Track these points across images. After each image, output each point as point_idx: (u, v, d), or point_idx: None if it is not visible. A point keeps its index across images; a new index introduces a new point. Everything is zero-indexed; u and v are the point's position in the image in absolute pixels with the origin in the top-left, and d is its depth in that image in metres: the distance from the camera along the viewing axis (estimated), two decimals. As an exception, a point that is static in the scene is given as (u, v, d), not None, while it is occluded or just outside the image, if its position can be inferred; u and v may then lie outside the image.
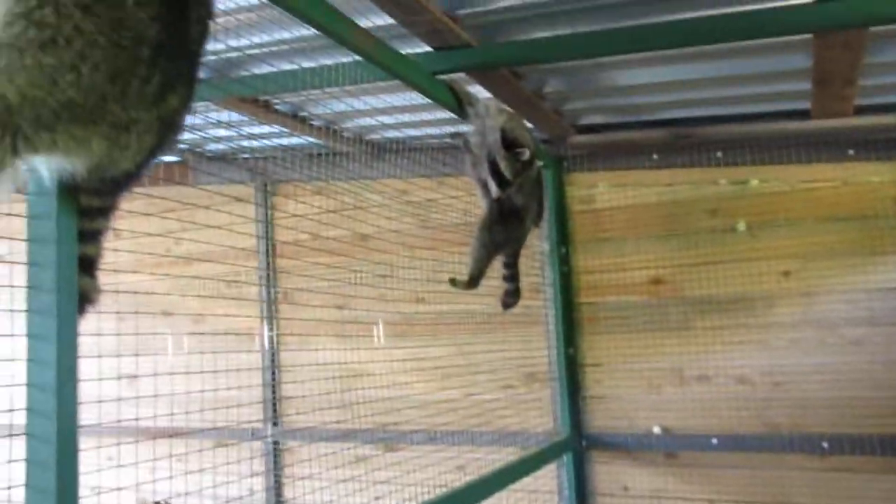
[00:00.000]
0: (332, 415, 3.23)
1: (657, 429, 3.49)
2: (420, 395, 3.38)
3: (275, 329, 4.23)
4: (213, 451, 2.32)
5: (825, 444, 3.18)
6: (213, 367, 2.50)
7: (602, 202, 3.67)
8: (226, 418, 3.15)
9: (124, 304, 2.09)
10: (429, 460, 3.25)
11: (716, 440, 3.36)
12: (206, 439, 2.94)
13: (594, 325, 3.65)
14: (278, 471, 4.12)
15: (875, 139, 3.18)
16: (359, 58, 2.22)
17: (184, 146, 3.58)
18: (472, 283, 2.78)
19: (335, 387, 3.13)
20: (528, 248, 3.15)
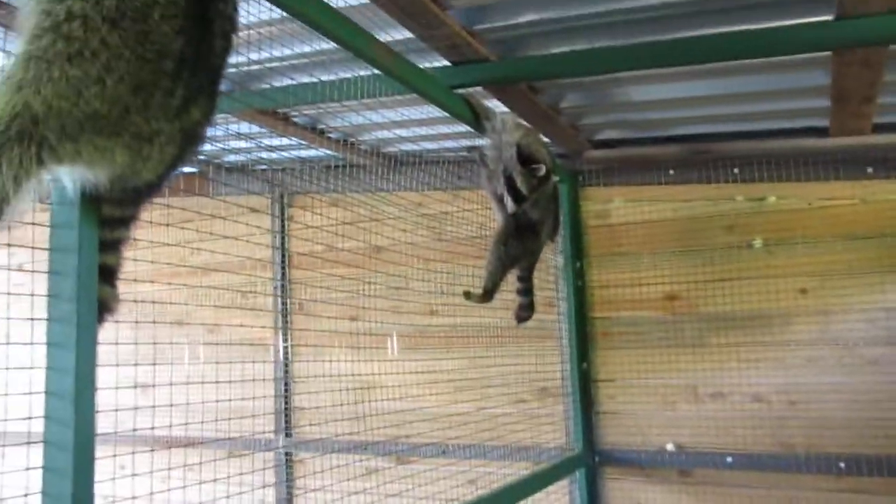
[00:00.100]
0: (344, 426, 3.23)
1: (671, 446, 3.46)
2: (432, 407, 3.37)
3: (289, 340, 4.24)
4: (228, 462, 2.33)
5: (842, 465, 3.14)
6: (227, 377, 2.51)
7: (617, 217, 3.66)
8: (239, 429, 3.16)
9: (141, 314, 2.10)
10: (440, 474, 3.24)
11: (730, 458, 3.32)
12: (220, 449, 2.95)
13: (608, 341, 3.64)
14: (290, 482, 4.11)
15: (894, 157, 3.16)
16: (377, 71, 2.23)
17: (203, 157, 3.61)
18: (487, 296, 2.78)
19: (348, 398, 3.13)
20: (542, 262, 3.15)
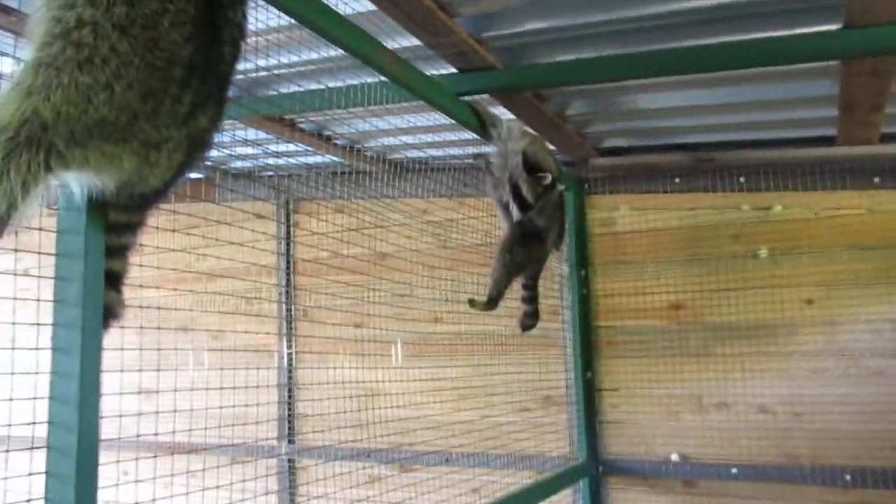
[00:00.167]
0: (347, 433, 3.22)
1: (675, 456, 3.44)
2: (436, 415, 3.36)
3: (293, 346, 4.23)
4: (231, 468, 2.32)
5: (847, 477, 3.12)
6: (231, 384, 2.51)
7: (623, 225, 3.66)
8: (242, 435, 3.15)
9: (146, 319, 2.10)
10: (444, 482, 3.23)
11: (735, 469, 3.31)
12: (223, 456, 2.94)
13: (612, 349, 3.62)
14: (293, 489, 4.10)
15: (901, 167, 3.15)
16: (384, 78, 2.23)
17: (209, 163, 3.62)
18: (492, 304, 2.77)
19: (351, 405, 3.12)
20: (547, 270, 3.14)
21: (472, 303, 2.77)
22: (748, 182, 3.39)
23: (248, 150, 3.42)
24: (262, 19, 2.01)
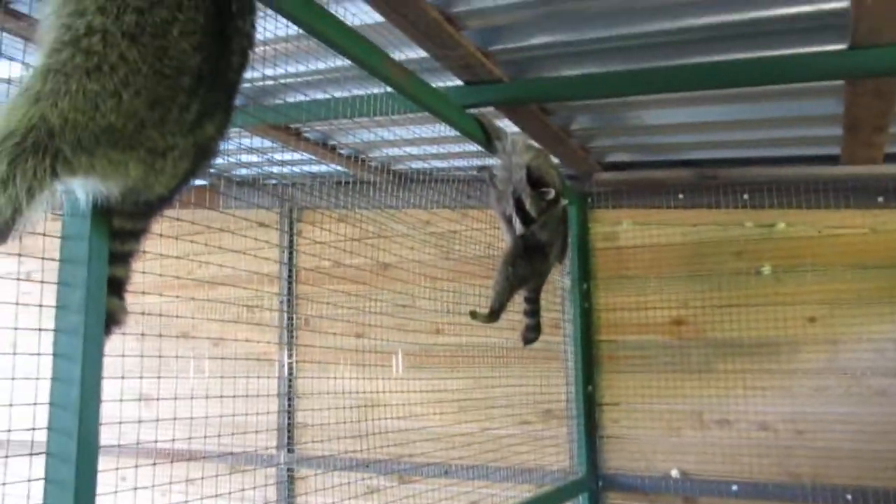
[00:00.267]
0: (346, 444, 3.21)
1: (675, 472, 3.43)
2: (436, 427, 3.35)
3: (294, 355, 4.23)
4: (230, 477, 2.31)
5: (848, 496, 3.10)
6: (231, 392, 2.50)
7: (626, 240, 3.65)
8: (242, 444, 3.14)
9: (147, 326, 2.10)
10: (443, 494, 3.21)
11: (736, 487, 3.29)
12: (222, 464, 2.93)
13: (614, 364, 3.61)
14: (291, 499, 4.08)
15: (905, 187, 3.15)
16: (390, 89, 2.24)
17: (214, 171, 3.62)
18: (493, 316, 2.77)
19: (351, 416, 3.11)
20: (549, 284, 3.14)
21: (473, 315, 2.77)
22: (752, 199, 3.39)
23: (253, 158, 3.43)
24: (270, 29, 2.02)
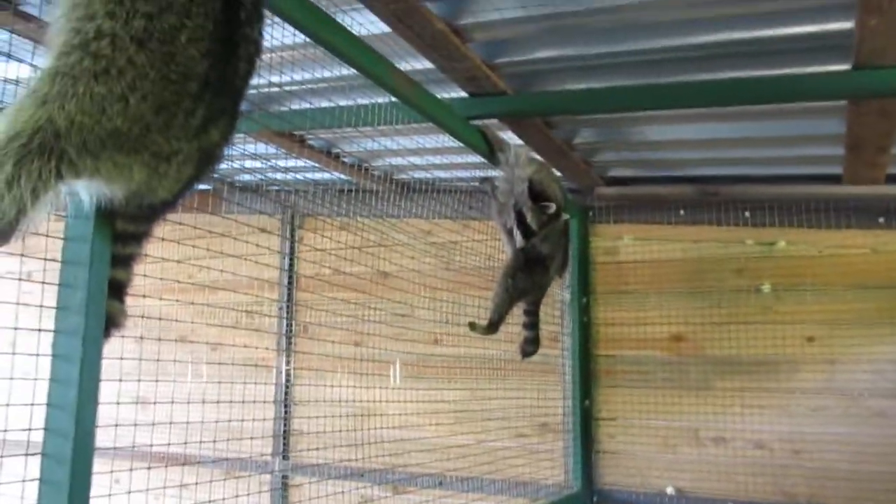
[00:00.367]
0: (342, 452, 3.20)
1: (671, 489, 3.41)
2: (432, 437, 3.34)
3: (291, 362, 4.22)
4: (224, 483, 2.31)
5: (844, 518, 3.09)
6: (227, 397, 2.50)
7: (626, 255, 3.66)
8: (237, 450, 3.13)
9: (145, 329, 2.10)
10: (437, 505, 3.20)
11: (731, 505, 3.28)
12: (216, 469, 2.92)
13: (611, 379, 3.61)
14: (284, 506, 4.07)
15: (907, 208, 3.16)
16: (395, 99, 2.25)
17: (217, 176, 3.63)
18: (492, 328, 2.77)
19: (347, 424, 3.11)
20: (548, 297, 3.14)
21: (472, 326, 2.77)
22: (753, 217, 3.39)
23: (257, 164, 3.43)
24: (277, 36, 2.03)
